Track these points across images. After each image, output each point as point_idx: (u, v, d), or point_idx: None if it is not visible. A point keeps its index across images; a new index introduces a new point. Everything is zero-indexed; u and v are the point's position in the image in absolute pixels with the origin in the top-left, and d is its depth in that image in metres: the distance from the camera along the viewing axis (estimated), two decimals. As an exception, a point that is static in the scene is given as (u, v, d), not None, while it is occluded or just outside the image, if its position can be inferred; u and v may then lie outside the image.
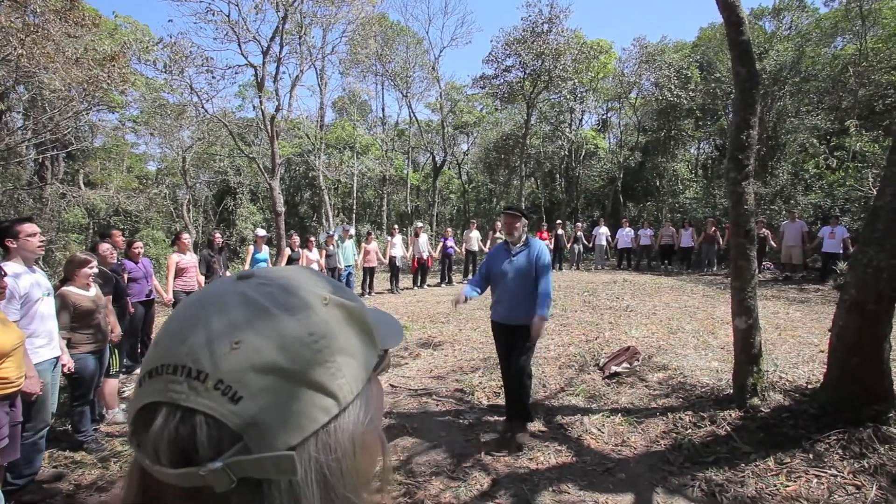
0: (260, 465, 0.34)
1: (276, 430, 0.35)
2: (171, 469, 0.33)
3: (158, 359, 0.37)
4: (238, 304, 0.38)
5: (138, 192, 19.79)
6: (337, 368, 0.38)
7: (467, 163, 25.44)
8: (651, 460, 3.13)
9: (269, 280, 0.41)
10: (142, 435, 0.35)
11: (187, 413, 0.34)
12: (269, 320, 0.37)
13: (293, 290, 0.40)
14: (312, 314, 0.39)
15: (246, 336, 0.36)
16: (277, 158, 12.03)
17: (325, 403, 0.37)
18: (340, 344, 0.40)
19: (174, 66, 11.40)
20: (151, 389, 0.36)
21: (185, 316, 0.39)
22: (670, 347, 5.39)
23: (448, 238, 11.72)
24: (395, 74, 20.88)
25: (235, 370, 0.35)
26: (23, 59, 7.19)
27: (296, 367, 0.36)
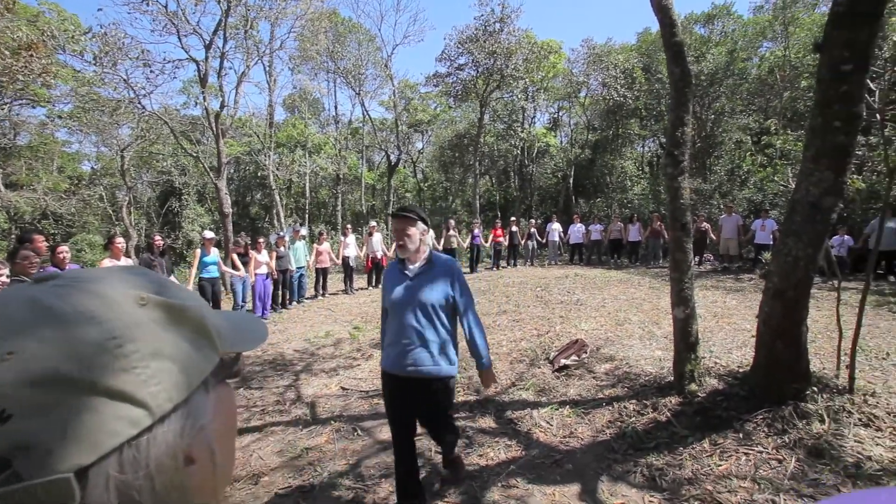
0: (30, 493, 0.29)
1: (57, 450, 0.30)
2: None
3: None
4: (21, 311, 0.33)
5: (70, 193, 18.50)
6: (149, 375, 0.35)
7: (422, 161, 25.40)
8: (597, 450, 3.22)
9: (69, 282, 0.36)
10: None
11: None
12: (59, 326, 0.33)
13: (97, 291, 0.36)
14: (118, 316, 0.35)
15: (22, 345, 0.31)
16: (224, 158, 11.53)
17: (133, 414, 0.33)
18: (155, 347, 0.36)
19: (105, 58, 10.68)
20: None
21: None
22: (617, 339, 5.58)
23: (403, 237, 11.64)
24: (347, 72, 20.52)
25: (4, 385, 0.30)
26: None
27: (89, 375, 0.32)
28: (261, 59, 15.30)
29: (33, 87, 13.31)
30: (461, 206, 24.37)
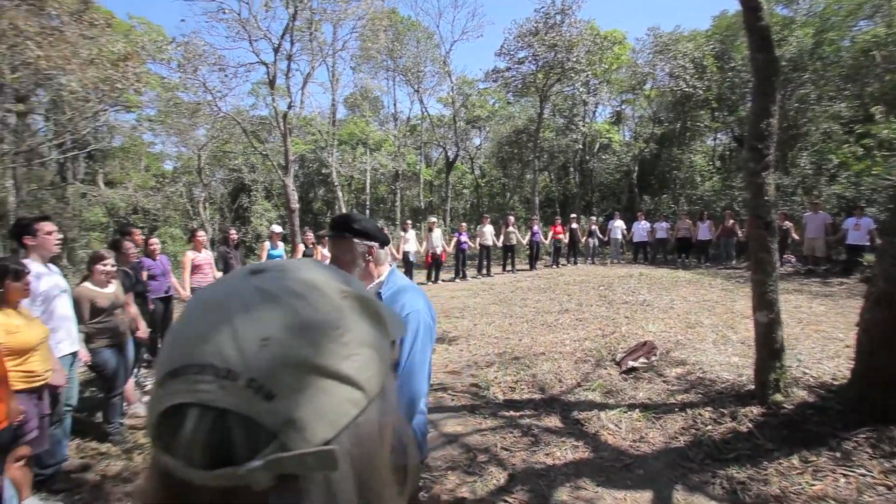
0: (301, 461, 0.33)
1: (311, 425, 0.34)
2: (206, 471, 0.32)
3: (180, 358, 0.35)
4: (258, 300, 0.37)
5: (156, 190, 20.11)
6: (363, 361, 0.38)
7: (480, 157, 25.31)
8: (670, 457, 3.08)
9: (284, 274, 0.40)
10: (168, 437, 0.34)
11: (220, 414, 0.33)
12: (294, 315, 0.36)
13: (312, 284, 0.39)
14: (334, 307, 0.38)
15: (273, 332, 0.35)
16: (291, 155, 12.10)
17: (354, 396, 0.37)
18: (363, 336, 0.39)
19: (188, 64, 11.51)
20: (176, 390, 0.34)
21: (202, 313, 0.37)
22: (688, 342, 5.30)
23: (462, 233, 11.69)
24: (407, 69, 20.81)
25: (266, 368, 0.34)
26: (41, 61, 7.31)
27: (325, 361, 0.36)
28: (324, 60, 15.89)
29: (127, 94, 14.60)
30: (519, 202, 24.07)
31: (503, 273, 12.36)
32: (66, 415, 3.38)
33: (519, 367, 4.89)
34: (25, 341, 2.74)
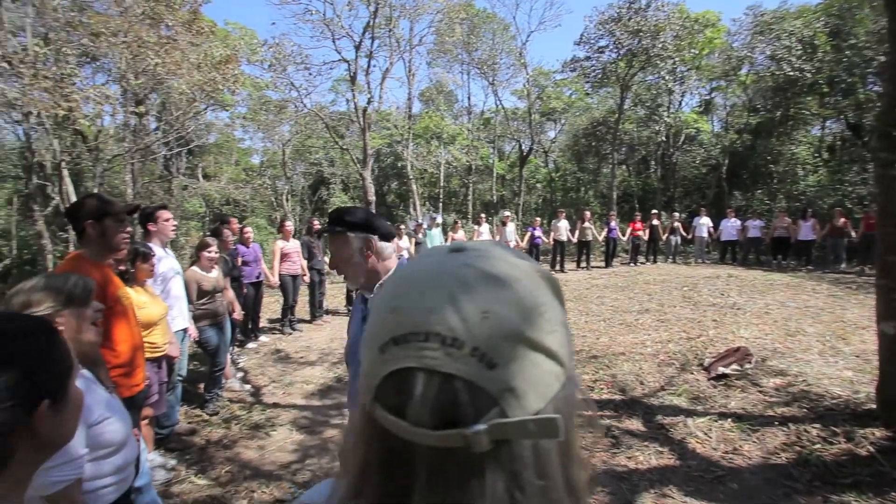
0: (523, 427, 0.35)
1: (527, 395, 0.36)
2: (433, 431, 0.35)
3: (403, 327, 0.38)
4: (474, 277, 0.39)
5: (245, 183, 21.77)
6: (561, 336, 0.40)
7: (554, 151, 24.67)
8: (769, 473, 2.84)
9: (486, 253, 0.42)
10: (392, 399, 0.37)
11: (446, 378, 0.36)
12: (506, 291, 0.39)
13: (515, 263, 0.42)
14: (536, 286, 0.41)
15: (492, 306, 0.37)
16: (369, 149, 12.54)
17: (557, 370, 0.39)
18: (558, 313, 0.41)
19: (277, 64, 12.28)
20: (401, 356, 0.37)
21: (417, 287, 0.40)
22: (789, 351, 4.84)
23: (535, 228, 11.51)
24: (482, 62, 20.72)
25: (488, 338, 0.36)
26: (159, 68, 8.15)
27: (535, 335, 0.38)
28: (401, 56, 16.24)
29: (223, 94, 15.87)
30: (594, 197, 23.21)
31: (577, 270, 12.01)
32: (178, 384, 3.77)
33: (597, 367, 4.73)
34: (150, 316, 3.08)
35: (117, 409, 1.61)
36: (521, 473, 0.37)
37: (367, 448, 0.40)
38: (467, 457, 0.35)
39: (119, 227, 2.06)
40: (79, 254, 2.06)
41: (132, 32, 7.83)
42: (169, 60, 8.16)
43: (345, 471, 0.45)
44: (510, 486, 0.36)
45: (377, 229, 1.52)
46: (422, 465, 0.37)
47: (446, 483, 0.36)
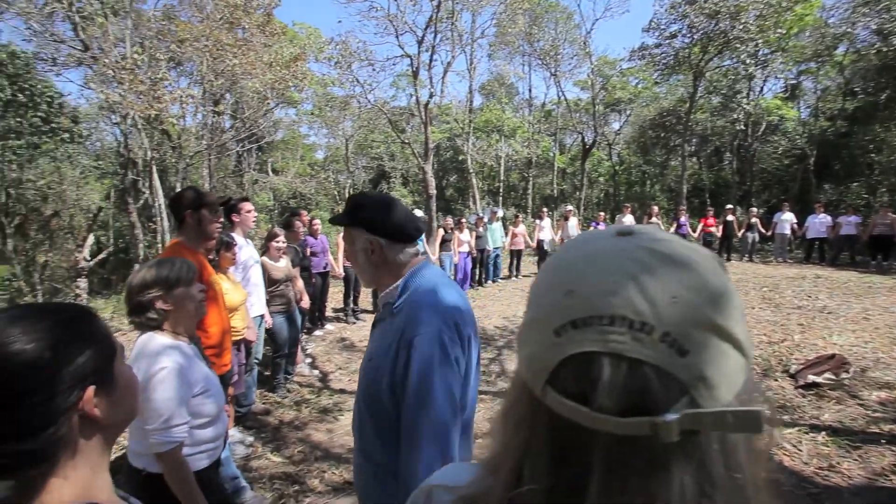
0: (720, 419, 0.33)
1: (719, 385, 0.35)
2: (619, 418, 0.34)
3: (582, 310, 0.37)
4: (654, 260, 0.37)
5: (309, 177, 22.75)
6: (744, 327, 0.38)
7: (619, 143, 23.70)
8: (876, 496, 2.57)
9: (657, 235, 0.40)
10: (571, 383, 0.36)
11: (634, 364, 0.34)
12: (691, 274, 0.37)
13: (689, 246, 0.40)
14: (716, 269, 0.38)
15: (680, 291, 0.36)
16: (430, 143, 12.65)
17: (742, 362, 0.37)
18: (739, 301, 0.39)
19: (343, 61, 12.66)
20: (582, 339, 0.36)
21: (595, 268, 0.39)
22: (895, 362, 4.35)
23: (599, 222, 11.13)
24: (544, 53, 20.23)
25: (679, 324, 0.35)
26: (237, 68, 8.66)
27: (726, 323, 0.36)
28: (463, 49, 16.19)
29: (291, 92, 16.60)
30: (661, 191, 22.08)
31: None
32: (254, 367, 4.00)
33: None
34: (232, 302, 3.28)
35: (214, 384, 1.73)
36: (709, 466, 0.35)
37: (532, 434, 0.39)
38: (651, 446, 0.34)
39: (213, 216, 2.20)
40: (178, 241, 2.23)
41: (213, 37, 8.40)
42: (245, 61, 8.65)
43: (496, 457, 0.44)
44: (699, 479, 0.35)
45: (385, 230, 1.24)
46: (600, 454, 0.35)
47: (626, 472, 0.35)
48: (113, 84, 7.55)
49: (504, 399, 0.47)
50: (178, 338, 1.63)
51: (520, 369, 0.43)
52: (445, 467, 0.58)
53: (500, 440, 0.44)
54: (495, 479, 0.42)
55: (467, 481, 0.48)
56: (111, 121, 15.82)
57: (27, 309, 0.63)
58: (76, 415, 0.60)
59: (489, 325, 6.48)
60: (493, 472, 0.44)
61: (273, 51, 10.29)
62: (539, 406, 0.38)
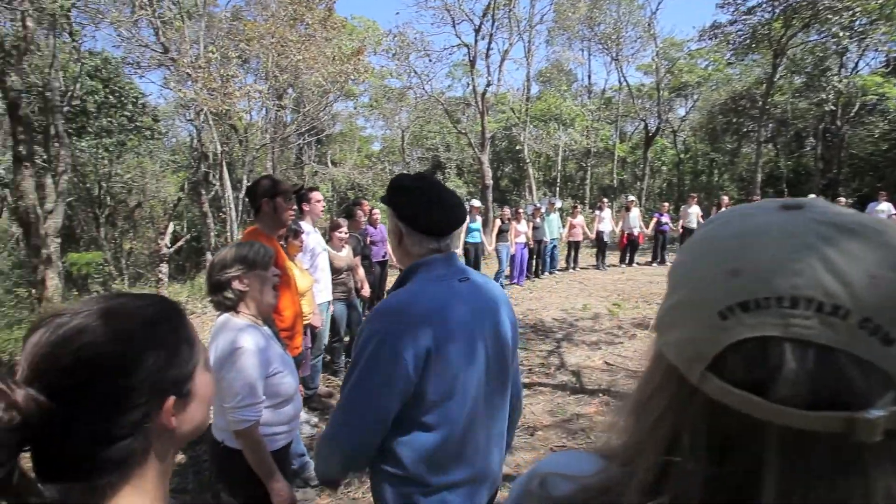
0: None
1: None
2: (806, 412, 0.30)
3: (755, 291, 0.33)
4: (835, 233, 0.33)
5: (367, 168, 23.31)
6: None
7: (684, 130, 22.40)
8: None
9: (832, 208, 0.36)
10: (741, 370, 0.32)
11: (823, 352, 0.30)
12: (887, 251, 0.32)
13: (881, 221, 0.35)
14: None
15: (878, 270, 0.31)
16: (487, 133, 12.54)
17: None
18: None
19: (400, 53, 12.78)
20: (756, 323, 0.32)
21: (767, 244, 0.34)
22: None
23: (663, 213, 10.57)
24: (605, 37, 19.41)
25: (881, 307, 0.30)
26: (300, 63, 8.97)
27: None
28: (521, 36, 15.85)
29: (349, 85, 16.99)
30: (730, 181, 20.68)
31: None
32: (321, 351, 4.14)
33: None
34: (300, 288, 3.40)
35: (289, 365, 1.78)
36: None
37: (681, 425, 0.35)
38: (840, 445, 0.30)
39: (287, 204, 2.27)
40: (254, 228, 2.32)
41: (278, 33, 8.74)
42: (308, 56, 8.94)
43: (628, 449, 0.41)
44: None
45: (406, 217, 1.22)
46: (774, 449, 0.32)
47: (809, 472, 0.31)
48: (188, 82, 8.07)
49: (638, 388, 0.43)
50: (255, 320, 1.69)
51: (665, 354, 0.39)
52: (555, 455, 0.55)
53: (634, 431, 0.41)
54: (630, 471, 0.39)
55: (591, 471, 0.44)
56: (186, 118, 16.93)
57: (118, 303, 0.58)
58: (153, 425, 0.56)
59: (546, 316, 6.35)
60: (625, 463, 0.41)
61: (334, 45, 10.56)
62: (693, 395, 0.35)
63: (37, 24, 4.53)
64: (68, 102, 8.91)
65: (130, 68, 13.40)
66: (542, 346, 5.19)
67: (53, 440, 0.50)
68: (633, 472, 0.38)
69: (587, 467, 0.45)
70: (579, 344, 5.15)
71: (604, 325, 5.79)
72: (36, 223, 4.38)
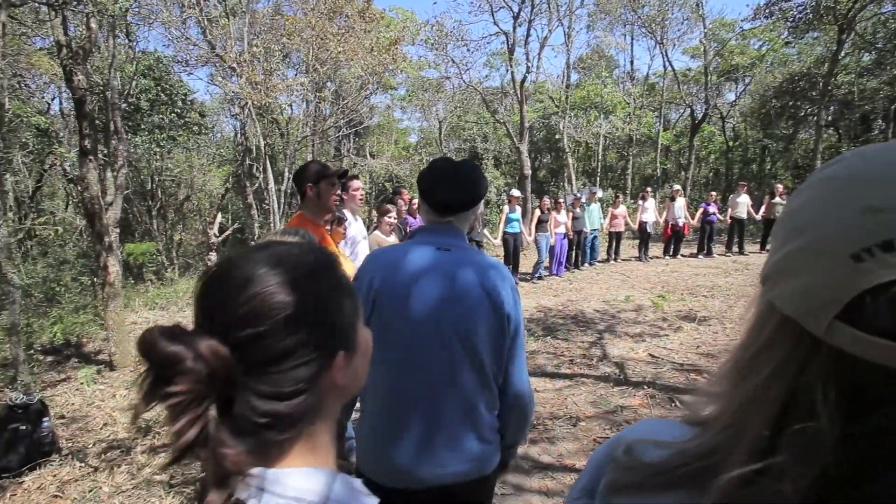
0: None
1: None
2: None
3: None
4: None
5: (404, 160, 23.47)
6: None
7: (734, 116, 21.29)
8: None
9: None
10: (885, 318, 0.29)
11: None
12: None
13: None
14: None
15: None
16: (526, 122, 12.35)
17: None
18: None
19: (438, 43, 12.73)
20: None
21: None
22: None
23: (710, 203, 10.12)
24: (650, 19, 18.64)
25: None
26: (340, 55, 9.09)
27: None
28: (560, 22, 15.46)
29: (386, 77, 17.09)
30: (784, 169, 19.54)
31: (761, 252, 10.29)
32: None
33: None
34: (344, 273, 3.47)
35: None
36: None
37: (801, 382, 0.33)
38: None
39: (331, 189, 2.31)
40: (301, 213, 2.37)
41: (318, 26, 8.87)
42: (347, 48, 9.03)
43: (726, 414, 0.39)
44: None
45: (421, 192, 1.36)
46: None
47: None
48: (233, 77, 8.34)
49: (738, 350, 0.41)
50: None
51: (778, 307, 0.36)
52: (639, 424, 0.53)
53: (735, 395, 0.38)
54: (733, 434, 0.37)
55: (684, 437, 0.42)
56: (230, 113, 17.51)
57: (282, 252, 0.56)
58: (324, 381, 0.54)
59: (588, 307, 6.23)
60: (727, 428, 0.38)
61: (373, 36, 10.62)
62: (816, 349, 0.32)
63: (99, 25, 4.77)
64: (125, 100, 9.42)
65: (179, 66, 13.98)
66: (583, 337, 5.10)
67: (233, 394, 0.48)
68: (739, 435, 0.36)
69: (679, 434, 0.43)
70: (622, 336, 5.03)
71: (647, 318, 5.63)
72: (99, 212, 4.65)
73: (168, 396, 0.44)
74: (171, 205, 19.71)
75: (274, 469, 0.50)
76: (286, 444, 0.53)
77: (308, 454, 0.54)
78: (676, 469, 0.40)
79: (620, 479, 0.45)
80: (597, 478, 0.50)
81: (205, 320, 0.50)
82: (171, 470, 3.02)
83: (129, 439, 3.52)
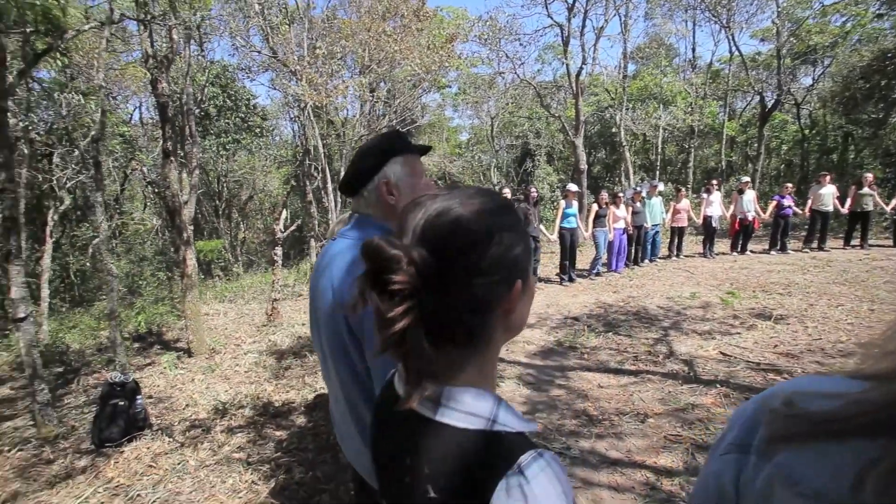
0: None
1: None
2: None
3: None
4: None
5: (456, 157, 23.58)
6: None
7: (811, 101, 19.69)
8: None
9: None
10: None
11: None
12: None
13: None
14: None
15: None
16: (581, 116, 12.04)
17: None
18: None
19: (492, 38, 12.66)
20: None
21: None
22: None
23: (785, 196, 9.41)
24: (715, 2, 17.60)
25: None
26: (397, 54, 9.26)
27: None
28: (617, 11, 14.92)
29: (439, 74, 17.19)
30: (871, 157, 17.83)
31: (844, 248, 9.46)
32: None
33: None
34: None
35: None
36: None
37: None
38: None
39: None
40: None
41: (374, 28, 9.09)
42: (403, 46, 9.19)
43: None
44: None
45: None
46: None
47: None
48: (293, 80, 8.72)
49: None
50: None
51: None
52: (799, 378, 0.51)
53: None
54: None
55: (851, 389, 0.41)
56: (289, 116, 18.28)
57: (471, 191, 0.62)
58: (504, 304, 0.59)
59: (651, 304, 5.99)
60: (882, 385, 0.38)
61: (427, 34, 10.74)
62: None
63: (180, 36, 5.14)
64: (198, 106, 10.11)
65: (243, 73, 14.79)
66: (647, 333, 4.91)
67: (434, 302, 0.54)
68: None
69: (847, 386, 0.41)
70: (689, 333, 4.80)
71: (716, 315, 5.33)
72: (179, 209, 5.01)
73: (388, 284, 0.51)
74: (235, 205, 20.90)
75: (449, 386, 0.57)
76: (464, 363, 0.59)
77: (478, 377, 0.60)
78: (853, 418, 0.38)
79: (785, 428, 0.43)
80: (747, 431, 0.48)
81: (414, 237, 0.56)
82: (248, 449, 3.22)
83: (208, 419, 3.77)
